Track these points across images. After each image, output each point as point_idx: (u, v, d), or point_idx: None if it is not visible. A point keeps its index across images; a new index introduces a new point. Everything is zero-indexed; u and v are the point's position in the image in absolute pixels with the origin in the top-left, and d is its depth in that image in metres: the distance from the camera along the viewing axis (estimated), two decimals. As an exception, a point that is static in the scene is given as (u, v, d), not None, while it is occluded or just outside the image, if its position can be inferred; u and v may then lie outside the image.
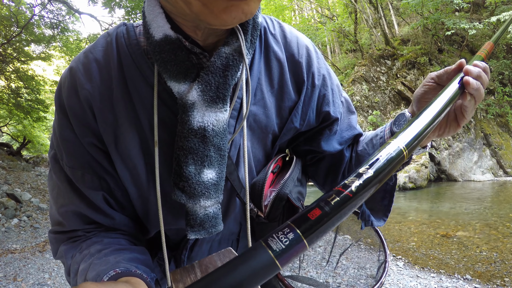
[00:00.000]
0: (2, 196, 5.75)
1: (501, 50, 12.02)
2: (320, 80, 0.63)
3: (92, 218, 0.56)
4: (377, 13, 13.73)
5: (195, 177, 0.50)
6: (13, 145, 15.40)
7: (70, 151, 0.54)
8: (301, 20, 20.03)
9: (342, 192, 0.36)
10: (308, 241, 0.34)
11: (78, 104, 0.52)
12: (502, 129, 11.09)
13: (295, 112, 0.61)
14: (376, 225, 0.68)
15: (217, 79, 0.48)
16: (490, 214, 5.63)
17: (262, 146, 0.62)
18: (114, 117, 0.52)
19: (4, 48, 11.31)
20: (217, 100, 0.49)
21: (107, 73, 0.52)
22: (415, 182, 9.17)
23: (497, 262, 3.48)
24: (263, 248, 0.33)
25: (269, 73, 0.59)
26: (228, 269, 0.32)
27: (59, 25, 11.34)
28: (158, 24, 0.47)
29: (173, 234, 0.64)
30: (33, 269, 3.56)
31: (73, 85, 0.52)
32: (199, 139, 0.49)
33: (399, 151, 0.40)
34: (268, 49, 0.59)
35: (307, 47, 0.63)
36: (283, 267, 0.33)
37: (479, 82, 0.50)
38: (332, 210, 0.35)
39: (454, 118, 0.54)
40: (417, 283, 3.08)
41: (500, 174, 10.29)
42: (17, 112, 13.76)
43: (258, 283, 0.33)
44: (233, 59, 0.49)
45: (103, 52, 0.53)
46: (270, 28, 0.60)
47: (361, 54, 14.44)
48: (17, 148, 13.13)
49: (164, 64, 0.47)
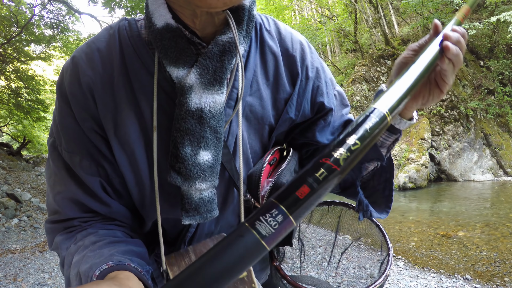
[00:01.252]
0: (2, 196, 5.75)
1: (501, 50, 12.03)
2: (313, 72, 0.66)
3: (89, 206, 0.56)
4: (377, 13, 13.73)
5: (191, 158, 0.51)
6: (13, 145, 15.40)
7: (70, 137, 0.55)
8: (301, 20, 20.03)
9: (330, 166, 0.35)
10: (296, 218, 0.34)
11: (80, 90, 0.53)
12: (502, 129, 11.09)
13: (290, 103, 0.63)
14: (376, 217, 0.68)
15: (214, 63, 0.51)
16: (490, 214, 5.63)
17: (259, 137, 0.64)
18: (114, 104, 0.54)
19: (4, 48, 11.31)
20: (214, 83, 0.51)
21: (109, 62, 0.54)
22: (415, 182, 9.17)
23: (497, 262, 3.48)
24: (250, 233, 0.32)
25: (265, 66, 0.62)
26: (216, 254, 0.32)
27: (59, 25, 11.34)
28: (161, 13, 0.51)
29: (170, 226, 0.63)
30: (33, 269, 3.56)
31: (75, 73, 0.54)
32: (196, 120, 0.51)
33: (382, 116, 0.41)
34: (263, 43, 0.62)
35: (300, 42, 0.66)
36: (271, 247, 0.33)
37: (458, 47, 0.51)
38: (321, 186, 0.35)
39: (436, 85, 0.55)
40: (417, 283, 3.08)
41: (500, 174, 10.29)
42: (17, 112, 13.76)
43: (247, 266, 0.33)
44: (229, 46, 0.52)
45: (105, 43, 0.55)
46: (265, 24, 0.64)
47: (361, 54, 14.44)
48: (17, 148, 13.14)
49: (164, 50, 0.50)
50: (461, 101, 10.94)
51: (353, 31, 15.20)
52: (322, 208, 0.88)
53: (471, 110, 10.71)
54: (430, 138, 10.26)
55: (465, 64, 12.17)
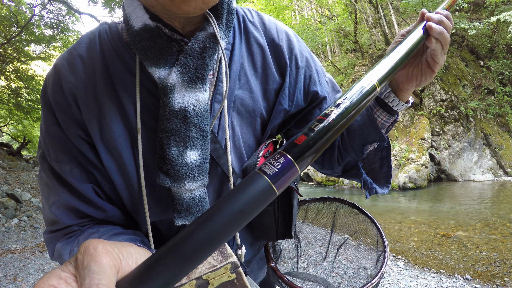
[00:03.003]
0: (2, 196, 5.76)
1: (501, 50, 12.03)
2: (303, 61, 0.66)
3: (84, 212, 0.56)
4: (377, 13, 13.73)
5: (178, 159, 0.51)
6: (13, 145, 15.41)
7: (57, 146, 0.55)
8: (301, 20, 20.02)
9: (323, 119, 0.42)
10: (299, 164, 0.38)
11: (63, 98, 0.53)
12: (502, 129, 11.09)
13: (282, 94, 0.63)
14: (380, 192, 0.70)
15: (195, 61, 0.51)
16: (490, 214, 5.63)
17: (252, 131, 0.63)
18: (98, 108, 0.53)
19: (4, 48, 11.31)
20: (196, 80, 0.51)
21: (91, 67, 0.54)
22: (415, 182, 9.17)
23: (497, 262, 3.48)
24: (258, 175, 0.36)
25: (252, 57, 0.62)
26: (229, 198, 0.34)
27: (59, 25, 11.34)
28: (137, 15, 0.51)
29: (165, 228, 0.63)
30: (33, 269, 3.56)
31: (58, 80, 0.54)
32: (181, 120, 0.50)
33: (372, 86, 0.47)
34: (248, 35, 0.62)
35: (286, 32, 0.66)
36: (279, 191, 0.37)
37: (441, 26, 0.54)
38: (316, 135, 0.40)
39: (427, 66, 0.58)
40: (417, 283, 3.08)
41: (500, 174, 10.29)
42: (17, 112, 13.76)
43: (258, 209, 0.35)
44: (209, 41, 0.51)
45: (86, 48, 0.55)
46: (249, 16, 0.64)
47: (361, 54, 14.44)
48: (17, 148, 13.13)
49: (144, 51, 0.50)
50: (461, 101, 10.94)
51: (353, 31, 15.20)
52: (317, 205, 0.88)
53: (471, 110, 10.71)
54: (430, 138, 10.26)
55: (465, 64, 12.17)
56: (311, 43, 15.65)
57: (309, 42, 15.36)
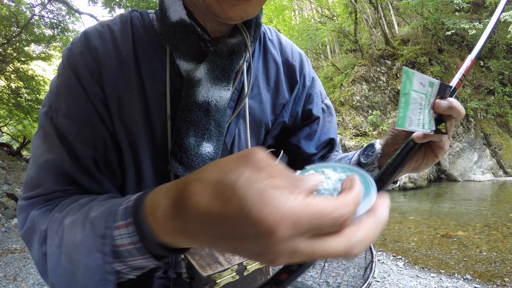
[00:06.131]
0: (2, 196, 5.76)
1: (501, 50, 12.03)
2: (309, 81, 0.72)
3: (78, 180, 0.51)
4: (377, 13, 13.73)
5: (194, 149, 0.53)
6: (13, 145, 15.41)
7: (73, 103, 0.52)
8: (301, 20, 20.02)
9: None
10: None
11: (91, 60, 0.53)
12: (502, 129, 11.09)
13: (286, 108, 0.68)
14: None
15: (223, 61, 0.54)
16: (490, 214, 5.63)
17: (255, 139, 0.66)
18: (122, 82, 0.54)
19: (4, 48, 11.31)
20: (222, 79, 0.54)
21: (121, 44, 0.55)
22: (415, 182, 9.17)
23: (497, 262, 3.48)
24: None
25: (267, 72, 0.66)
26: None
27: (59, 25, 11.34)
28: (176, 9, 0.54)
29: None
30: (33, 269, 3.56)
31: (87, 44, 0.54)
32: (203, 112, 0.53)
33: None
34: (266, 51, 0.67)
35: (300, 53, 0.73)
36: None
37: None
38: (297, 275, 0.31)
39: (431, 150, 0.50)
40: (417, 283, 3.08)
41: (500, 174, 10.29)
42: (17, 112, 13.77)
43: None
44: (238, 47, 0.56)
45: (118, 26, 0.57)
46: (268, 34, 0.69)
47: (361, 54, 14.43)
48: (17, 148, 13.12)
49: (176, 43, 0.53)
50: (461, 101, 10.93)
51: (353, 31, 15.19)
52: None
53: (471, 110, 10.71)
54: (430, 138, 10.25)
55: (465, 64, 12.14)
56: (311, 43, 15.64)
57: (309, 42, 15.35)
